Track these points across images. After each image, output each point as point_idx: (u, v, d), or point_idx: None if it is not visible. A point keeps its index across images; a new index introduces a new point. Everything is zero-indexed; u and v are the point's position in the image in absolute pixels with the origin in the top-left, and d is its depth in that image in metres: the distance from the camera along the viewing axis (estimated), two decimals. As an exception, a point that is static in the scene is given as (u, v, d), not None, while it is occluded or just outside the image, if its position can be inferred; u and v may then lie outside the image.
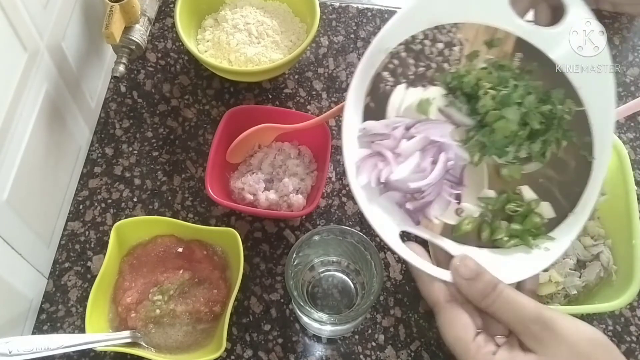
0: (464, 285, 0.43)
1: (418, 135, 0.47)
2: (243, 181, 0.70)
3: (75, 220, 0.72)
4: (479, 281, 0.43)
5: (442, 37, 0.51)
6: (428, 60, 0.51)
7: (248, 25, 0.79)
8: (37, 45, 0.61)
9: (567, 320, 0.41)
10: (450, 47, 0.51)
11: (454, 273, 0.43)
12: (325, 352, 0.66)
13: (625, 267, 0.63)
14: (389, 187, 0.47)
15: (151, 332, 0.63)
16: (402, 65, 0.50)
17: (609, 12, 0.87)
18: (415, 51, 0.50)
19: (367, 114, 0.49)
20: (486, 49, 0.51)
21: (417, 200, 0.47)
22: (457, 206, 0.48)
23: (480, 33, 0.52)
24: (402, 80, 0.50)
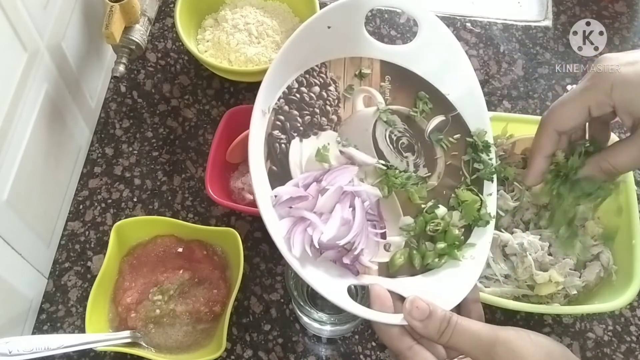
0: (419, 327, 0.44)
1: (331, 188, 0.48)
2: (243, 181, 0.70)
3: (75, 220, 0.72)
4: (433, 319, 0.43)
5: (315, 79, 0.53)
6: (310, 107, 0.52)
7: (248, 25, 0.79)
8: (37, 45, 0.61)
9: (523, 338, 0.43)
10: (326, 88, 0.53)
11: (407, 317, 0.44)
12: (325, 352, 0.66)
13: (625, 267, 0.63)
14: (323, 247, 0.48)
15: (151, 332, 0.63)
16: (288, 120, 0.51)
17: (609, 12, 0.88)
18: (296, 101, 0.51)
19: (272, 179, 0.49)
20: (358, 80, 0.54)
21: (351, 252, 0.48)
22: (384, 242, 0.50)
23: (348, 66, 0.54)
24: (294, 135, 0.51)
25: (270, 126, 0.50)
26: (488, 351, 0.42)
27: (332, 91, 0.53)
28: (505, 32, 0.87)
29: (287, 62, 0.51)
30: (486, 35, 0.87)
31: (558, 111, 0.50)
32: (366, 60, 0.55)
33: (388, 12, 0.88)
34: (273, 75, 0.50)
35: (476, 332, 0.43)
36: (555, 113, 0.51)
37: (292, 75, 0.52)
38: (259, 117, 0.49)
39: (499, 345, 0.42)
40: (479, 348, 0.42)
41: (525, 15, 0.89)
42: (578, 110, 0.49)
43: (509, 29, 0.88)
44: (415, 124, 0.55)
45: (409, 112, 0.55)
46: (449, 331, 0.43)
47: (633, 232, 0.63)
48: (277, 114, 0.50)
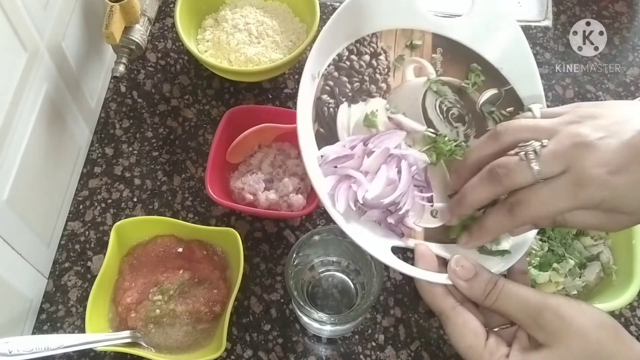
0: (464, 286, 0.43)
1: (377, 150, 0.49)
2: (243, 181, 0.70)
3: (75, 220, 0.72)
4: (478, 280, 0.43)
5: (365, 49, 0.53)
6: (359, 74, 0.52)
7: (248, 25, 0.79)
8: (37, 45, 0.61)
9: (573, 306, 0.41)
10: (376, 57, 0.53)
11: (452, 276, 0.43)
12: (325, 352, 0.66)
13: (625, 267, 0.63)
14: (367, 206, 0.48)
15: (151, 332, 0.63)
16: (337, 85, 0.51)
17: (609, 12, 0.88)
18: (346, 68, 0.52)
19: (319, 140, 0.49)
20: (409, 51, 0.54)
21: (396, 212, 0.48)
22: (431, 208, 0.50)
23: (399, 37, 0.54)
24: (342, 100, 0.51)
25: (319, 90, 0.50)
26: (535, 316, 0.41)
27: (382, 60, 0.53)
28: (505, 32, 0.87)
29: (338, 30, 0.51)
30: (486, 35, 0.87)
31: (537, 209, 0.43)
32: (418, 32, 0.55)
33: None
34: (323, 41, 0.50)
35: (524, 295, 0.42)
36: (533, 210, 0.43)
37: (343, 43, 0.52)
38: (308, 81, 0.49)
39: (547, 311, 0.40)
40: (525, 312, 0.41)
41: (525, 15, 0.89)
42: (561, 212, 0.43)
43: (509, 29, 0.88)
44: (466, 96, 0.54)
45: (461, 84, 0.54)
46: (494, 293, 0.42)
47: (633, 232, 0.63)
48: (326, 79, 0.51)
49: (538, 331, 0.41)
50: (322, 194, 0.46)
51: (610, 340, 0.41)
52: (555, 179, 0.41)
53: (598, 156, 0.40)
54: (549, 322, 0.40)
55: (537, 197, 0.42)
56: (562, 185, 0.41)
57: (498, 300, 0.42)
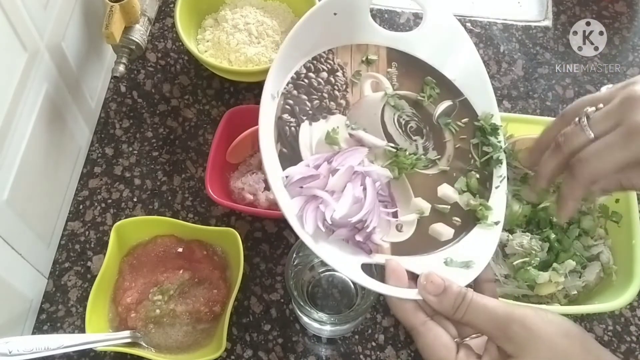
0: (434, 301, 0.43)
1: (341, 168, 0.49)
2: (243, 181, 0.70)
3: (75, 220, 0.72)
4: (448, 294, 0.43)
5: (323, 65, 0.53)
6: (318, 91, 0.53)
7: (248, 25, 0.79)
8: (37, 45, 0.61)
9: (540, 316, 0.42)
10: (334, 74, 0.54)
11: (421, 292, 0.44)
12: (325, 352, 0.66)
13: (625, 267, 0.63)
14: (335, 225, 0.48)
15: (151, 332, 0.63)
16: (297, 104, 0.52)
17: (609, 12, 0.88)
18: (304, 86, 0.52)
19: (282, 160, 0.49)
20: (365, 67, 0.55)
21: (363, 230, 0.48)
22: (396, 223, 0.50)
23: (355, 53, 0.55)
24: (303, 118, 0.51)
25: (279, 110, 0.51)
26: (503, 328, 0.41)
27: (339, 77, 0.54)
28: (505, 32, 0.87)
29: (295, 48, 0.51)
30: (486, 35, 0.87)
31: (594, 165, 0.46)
32: (372, 47, 0.56)
33: (388, 11, 0.88)
34: (281, 60, 0.51)
35: (491, 308, 0.42)
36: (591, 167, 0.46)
37: (300, 61, 0.52)
38: (268, 101, 0.50)
39: (514, 322, 0.41)
40: (494, 324, 0.41)
41: (525, 15, 0.89)
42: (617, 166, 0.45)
43: (509, 29, 0.88)
44: (423, 109, 0.55)
45: (417, 97, 0.55)
46: (463, 307, 0.42)
47: (633, 232, 0.64)
48: (286, 98, 0.51)
49: (506, 343, 0.41)
50: (290, 216, 0.46)
51: (576, 349, 0.41)
52: (608, 134, 0.44)
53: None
54: (516, 334, 0.41)
55: (591, 152, 0.45)
56: (614, 136, 0.44)
57: (467, 314, 0.42)
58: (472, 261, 0.49)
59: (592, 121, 0.46)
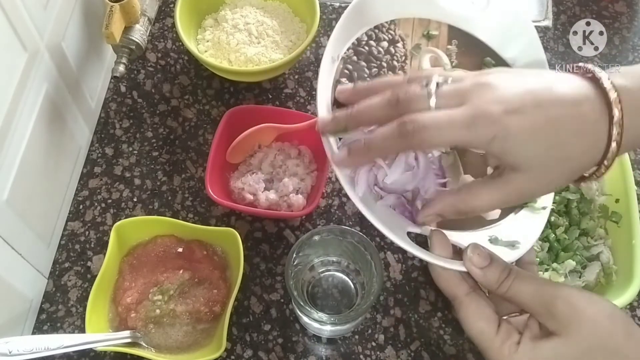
0: (478, 274, 0.43)
1: None
2: (243, 181, 0.70)
3: (75, 220, 0.72)
4: (493, 268, 0.43)
5: (384, 35, 0.53)
6: (377, 60, 0.53)
7: (248, 25, 0.79)
8: (37, 45, 0.61)
9: (585, 296, 0.41)
10: (394, 44, 0.54)
11: (467, 263, 0.43)
12: (325, 352, 0.66)
13: (625, 267, 0.63)
14: (386, 190, 0.48)
15: (151, 332, 0.63)
16: (356, 69, 0.52)
17: (609, 12, 0.88)
18: (364, 53, 0.52)
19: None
20: (426, 41, 0.55)
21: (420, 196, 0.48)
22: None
23: (416, 26, 0.55)
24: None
25: (338, 73, 0.50)
26: (547, 304, 0.41)
27: (399, 48, 0.54)
28: (505, 32, 0.87)
29: (359, 14, 0.51)
30: (486, 35, 0.87)
31: (428, 135, 0.41)
32: (434, 23, 0.56)
33: None
34: (344, 24, 0.50)
35: (536, 284, 0.42)
36: (424, 135, 0.42)
37: (362, 28, 0.52)
38: (328, 63, 0.49)
39: (559, 300, 0.41)
40: (537, 300, 0.41)
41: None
42: (449, 143, 0.44)
43: (509, 29, 0.88)
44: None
45: None
46: (508, 281, 0.42)
47: (633, 232, 0.64)
48: (345, 62, 0.51)
49: (549, 320, 0.41)
50: (343, 176, 0.46)
51: (620, 332, 0.41)
52: (452, 108, 0.41)
53: (497, 95, 0.40)
54: (560, 311, 0.41)
55: (432, 118, 0.41)
56: (459, 114, 0.40)
57: (511, 288, 0.42)
58: (517, 241, 0.49)
59: (439, 92, 0.41)
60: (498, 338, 0.42)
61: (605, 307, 0.42)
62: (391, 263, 0.70)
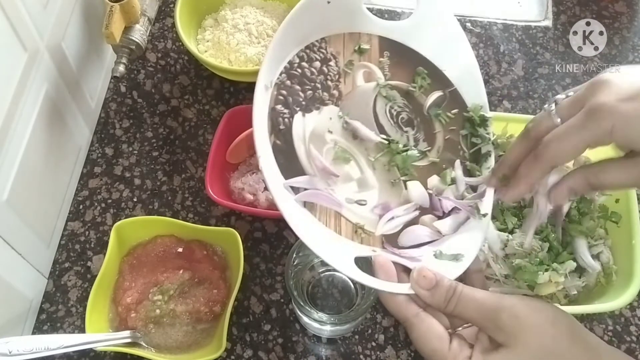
0: (426, 295, 0.44)
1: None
2: (243, 181, 0.70)
3: (75, 220, 0.72)
4: (439, 288, 0.44)
5: (315, 55, 0.53)
6: (311, 82, 0.52)
7: (248, 25, 0.79)
8: (37, 45, 0.61)
9: (528, 304, 0.42)
10: (327, 63, 0.53)
11: (414, 286, 0.44)
12: (325, 352, 0.66)
13: (625, 267, 0.63)
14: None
15: (151, 332, 0.63)
16: (290, 94, 0.51)
17: (609, 12, 0.88)
18: (298, 76, 0.52)
19: (277, 153, 0.49)
20: (358, 56, 0.55)
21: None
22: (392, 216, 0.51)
23: (347, 42, 0.55)
24: (297, 109, 0.51)
25: (273, 101, 0.50)
26: (492, 318, 0.42)
27: (332, 66, 0.53)
28: (505, 32, 0.87)
29: (288, 37, 0.51)
30: (486, 35, 0.87)
31: (555, 147, 0.45)
32: (365, 36, 0.55)
33: (388, 11, 0.88)
34: (275, 49, 0.50)
35: (480, 299, 0.43)
36: (551, 149, 0.46)
37: (293, 50, 0.52)
38: (262, 92, 0.49)
39: (503, 312, 0.42)
40: (483, 315, 0.42)
41: (525, 15, 0.89)
42: (577, 148, 0.45)
43: (509, 29, 0.88)
44: (414, 100, 0.55)
45: (408, 88, 0.55)
46: (454, 300, 0.43)
47: (633, 232, 0.63)
48: (279, 88, 0.51)
49: (496, 332, 0.42)
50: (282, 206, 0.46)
51: (564, 336, 0.42)
52: (570, 118, 0.44)
53: (611, 89, 0.42)
54: (505, 323, 0.42)
55: (553, 134, 0.44)
56: (575, 118, 0.43)
57: (457, 306, 0.43)
58: (461, 254, 0.49)
59: (559, 107, 0.45)
60: (450, 354, 0.43)
61: (548, 313, 0.43)
62: (391, 263, 0.70)
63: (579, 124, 0.43)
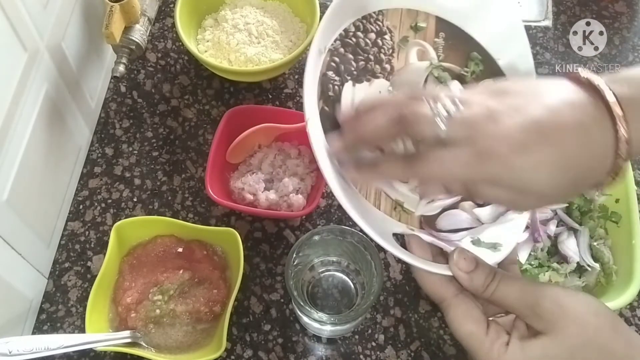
0: (465, 278, 0.43)
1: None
2: (243, 181, 0.70)
3: (75, 220, 0.72)
4: (479, 272, 0.43)
5: (372, 26, 0.52)
6: (365, 52, 0.52)
7: (248, 25, 0.79)
8: (37, 45, 0.61)
9: (570, 294, 0.42)
10: (382, 36, 0.53)
11: (453, 268, 0.44)
12: (325, 352, 0.66)
13: (625, 267, 0.63)
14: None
15: (151, 332, 0.63)
16: (343, 62, 0.50)
17: (609, 12, 0.88)
18: (352, 45, 0.51)
19: (323, 118, 0.48)
20: (413, 33, 0.54)
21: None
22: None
23: (404, 18, 0.54)
24: (348, 78, 0.50)
25: (325, 66, 0.49)
26: (533, 305, 0.41)
27: (387, 40, 0.53)
28: (505, 32, 0.87)
29: (346, 4, 0.50)
30: (486, 35, 0.87)
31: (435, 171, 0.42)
32: (422, 14, 0.55)
33: None
34: (331, 15, 0.49)
35: (522, 285, 0.42)
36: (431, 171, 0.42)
37: (350, 18, 0.51)
38: (315, 55, 0.48)
39: (544, 299, 0.41)
40: (523, 301, 0.41)
41: (525, 15, 0.89)
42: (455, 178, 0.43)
43: (509, 29, 0.88)
44: (465, 84, 0.54)
45: (460, 72, 0.54)
46: (493, 284, 0.42)
47: (633, 232, 0.64)
48: (332, 55, 0.50)
49: (536, 320, 0.41)
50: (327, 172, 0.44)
51: (607, 328, 0.41)
52: (457, 144, 0.40)
53: (503, 132, 0.39)
54: (546, 311, 0.41)
55: (436, 157, 0.41)
56: (463, 153, 0.40)
57: (496, 291, 0.42)
58: (499, 244, 0.48)
59: (449, 121, 0.40)
60: (487, 339, 0.42)
61: (591, 304, 0.42)
62: (391, 263, 0.70)
63: (467, 161, 0.40)
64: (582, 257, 0.64)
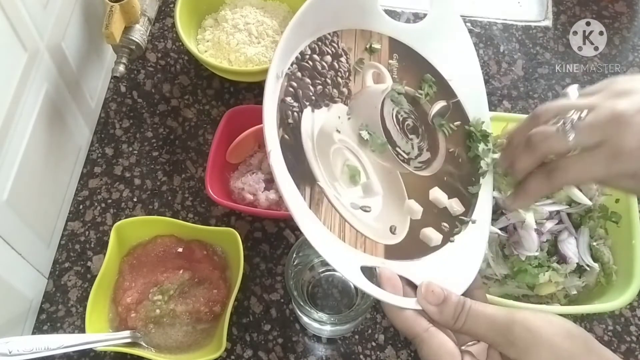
0: (434, 311, 0.43)
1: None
2: (243, 181, 0.70)
3: (75, 220, 0.72)
4: (448, 304, 0.43)
5: (327, 48, 0.52)
6: (322, 76, 0.51)
7: (248, 25, 0.79)
8: (37, 45, 0.61)
9: (540, 317, 0.41)
10: (338, 59, 0.53)
11: (422, 301, 0.43)
12: (325, 352, 0.66)
13: (625, 267, 0.63)
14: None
15: (151, 332, 0.63)
16: (301, 87, 0.50)
17: (609, 12, 0.88)
18: (309, 68, 0.51)
19: (284, 148, 0.47)
20: (368, 55, 0.54)
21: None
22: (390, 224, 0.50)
23: (359, 39, 0.54)
24: (306, 103, 0.50)
25: (283, 92, 0.49)
26: (504, 332, 0.40)
27: (343, 62, 0.53)
28: (505, 32, 0.87)
29: (302, 26, 0.50)
30: (486, 35, 0.87)
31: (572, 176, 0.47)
32: (376, 35, 0.55)
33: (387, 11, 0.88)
34: (288, 38, 0.49)
35: (491, 314, 0.42)
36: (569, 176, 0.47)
37: (306, 40, 0.51)
38: (273, 81, 0.48)
39: (516, 325, 0.40)
40: (495, 330, 0.41)
41: (525, 15, 0.89)
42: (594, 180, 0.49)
43: (509, 29, 0.88)
44: (419, 107, 0.54)
45: (415, 94, 0.54)
46: (463, 316, 0.42)
47: (633, 232, 0.63)
48: (290, 79, 0.49)
49: (508, 348, 0.41)
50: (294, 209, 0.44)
51: (579, 350, 0.41)
52: (590, 150, 0.45)
53: (634, 131, 0.43)
54: (518, 338, 0.40)
55: (573, 165, 0.46)
56: (597, 157, 0.44)
57: (467, 322, 0.42)
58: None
59: (576, 131, 0.45)
60: None
61: (562, 326, 0.41)
62: (391, 263, 0.70)
63: (601, 163, 0.44)
64: (581, 257, 0.64)
